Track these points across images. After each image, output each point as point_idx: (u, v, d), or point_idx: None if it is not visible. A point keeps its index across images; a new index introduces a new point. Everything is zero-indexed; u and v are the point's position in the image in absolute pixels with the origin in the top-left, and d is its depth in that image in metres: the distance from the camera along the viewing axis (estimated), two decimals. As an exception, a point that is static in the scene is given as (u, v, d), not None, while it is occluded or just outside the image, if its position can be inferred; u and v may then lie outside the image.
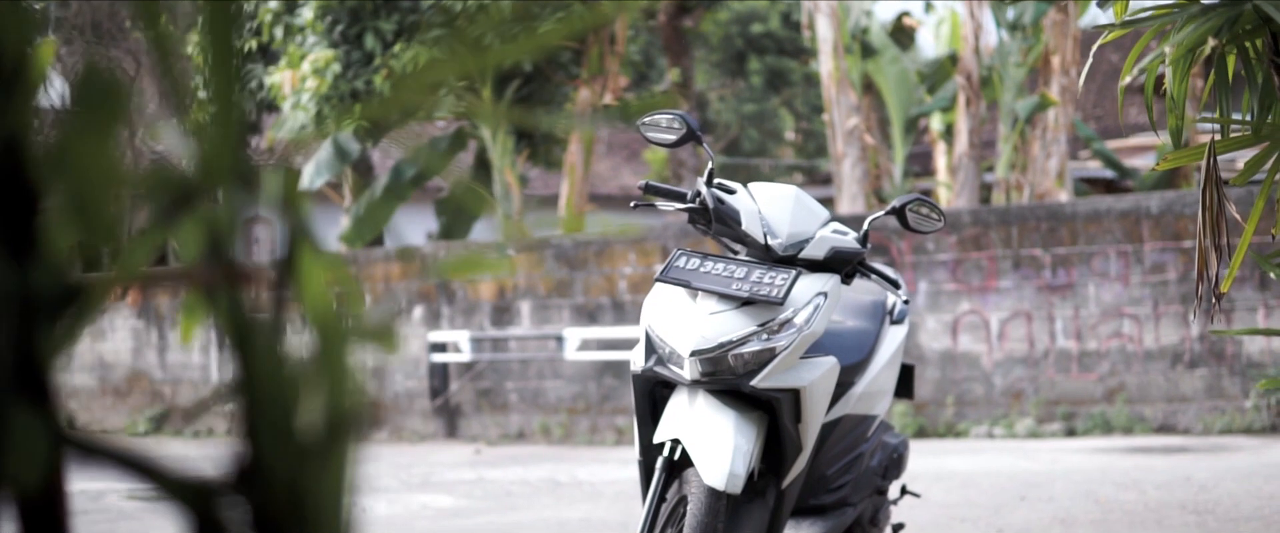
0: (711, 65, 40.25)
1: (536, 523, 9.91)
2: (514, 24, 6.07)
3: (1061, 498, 9.91)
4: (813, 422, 5.49)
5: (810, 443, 5.54)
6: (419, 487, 12.40)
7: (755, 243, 5.58)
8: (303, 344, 1.36)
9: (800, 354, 5.41)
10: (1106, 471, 11.33)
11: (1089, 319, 14.70)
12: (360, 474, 1.28)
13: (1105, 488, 10.30)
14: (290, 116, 21.16)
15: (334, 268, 1.53)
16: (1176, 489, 10.12)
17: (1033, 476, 11.05)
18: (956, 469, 11.63)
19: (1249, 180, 4.22)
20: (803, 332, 5.35)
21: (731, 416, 5.31)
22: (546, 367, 17.22)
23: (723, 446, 5.21)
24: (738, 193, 5.68)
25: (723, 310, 5.37)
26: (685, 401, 5.40)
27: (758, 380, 5.31)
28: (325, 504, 1.29)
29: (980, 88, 19.61)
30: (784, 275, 5.37)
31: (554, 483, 12.29)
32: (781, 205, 5.63)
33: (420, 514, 10.65)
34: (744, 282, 5.38)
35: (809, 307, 5.39)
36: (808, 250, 5.56)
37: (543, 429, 17.04)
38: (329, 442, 1.33)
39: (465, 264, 1.58)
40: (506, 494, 11.68)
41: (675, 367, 5.38)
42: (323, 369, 1.36)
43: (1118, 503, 9.61)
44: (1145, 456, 12.35)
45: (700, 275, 5.45)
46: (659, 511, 5.36)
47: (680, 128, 5.64)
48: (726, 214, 5.59)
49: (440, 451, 16.37)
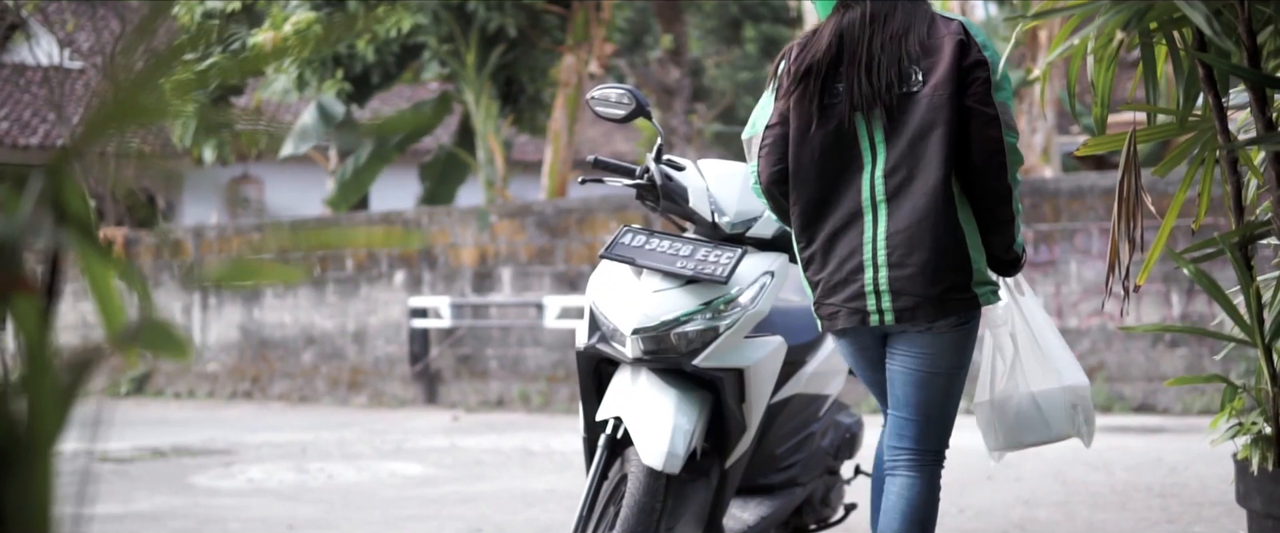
0: (706, 32, 40.11)
1: (500, 493, 9.87)
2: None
3: (1029, 478, 9.86)
4: (757, 402, 5.44)
5: (755, 423, 5.49)
6: (391, 454, 12.36)
7: (703, 221, 5.53)
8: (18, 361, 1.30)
9: (745, 334, 5.35)
10: (1078, 451, 11.24)
11: (1070, 297, 14.63)
12: (63, 486, 1.23)
13: (1075, 469, 10.24)
14: (272, 79, 21.07)
15: (119, 269, 1.46)
16: (1146, 471, 10.07)
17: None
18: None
19: (1169, 171, 4.16)
20: (747, 311, 5.30)
21: (673, 395, 5.26)
22: (526, 334, 17.17)
23: (662, 425, 5.16)
24: (686, 169, 5.62)
25: (666, 288, 5.32)
26: (628, 379, 5.35)
27: (700, 360, 5.26)
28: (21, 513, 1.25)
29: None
30: (729, 254, 5.31)
31: (526, 452, 12.25)
32: (730, 183, 5.57)
33: (387, 482, 10.60)
34: (689, 260, 5.32)
35: (754, 286, 5.33)
36: (755, 229, 5.52)
37: (522, 397, 17.00)
38: (29, 457, 1.28)
39: (238, 272, 1.52)
40: (476, 463, 11.64)
41: (618, 344, 5.33)
42: (29, 387, 1.30)
43: (1084, 484, 9.55)
44: (1120, 435, 12.29)
45: (645, 253, 5.39)
46: (600, 488, 5.31)
47: (629, 103, 5.58)
48: (674, 191, 5.54)
49: (418, 417, 16.33)
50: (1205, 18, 3.56)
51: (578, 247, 16.73)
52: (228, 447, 13.04)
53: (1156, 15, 3.97)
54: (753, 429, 5.49)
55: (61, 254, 1.35)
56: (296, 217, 17.23)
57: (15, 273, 1.35)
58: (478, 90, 21.75)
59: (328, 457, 12.12)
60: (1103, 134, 4.38)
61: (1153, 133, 4.17)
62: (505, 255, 17.27)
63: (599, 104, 5.62)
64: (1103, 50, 3.98)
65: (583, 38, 21.95)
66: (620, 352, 5.32)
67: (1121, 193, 4.16)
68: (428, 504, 9.47)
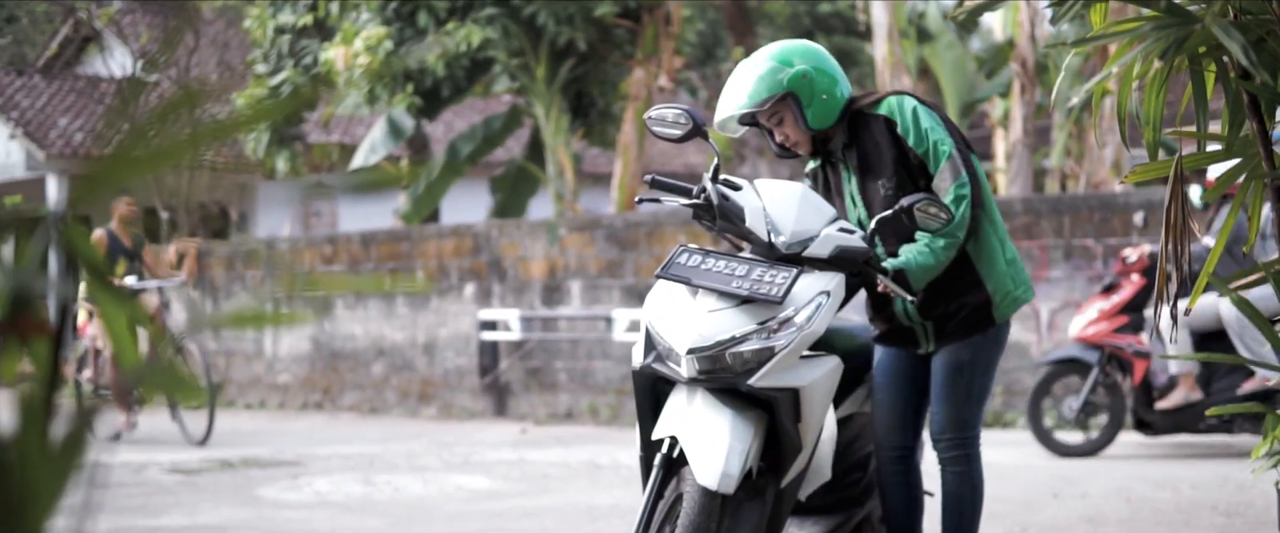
0: (778, 44, 40.03)
1: (565, 507, 9.90)
2: (568, 3, 6.05)
3: (1094, 496, 9.81)
4: (813, 421, 5.44)
5: (810, 443, 5.49)
6: (458, 467, 12.41)
7: (759, 240, 5.53)
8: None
9: (800, 353, 5.36)
10: (1146, 468, 11.22)
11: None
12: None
13: (1141, 486, 10.18)
14: (343, 93, 21.22)
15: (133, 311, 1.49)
16: (1212, 489, 10.00)
17: (1071, 471, 10.95)
18: (995, 463, 11.46)
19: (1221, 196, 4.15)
20: (803, 331, 5.31)
21: (728, 415, 5.27)
22: (596, 347, 17.20)
23: (717, 445, 5.18)
24: (743, 189, 5.63)
25: (721, 308, 5.33)
26: (684, 398, 5.37)
27: (755, 380, 5.27)
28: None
29: (1036, 75, 19.43)
30: (785, 274, 5.32)
31: (593, 466, 12.27)
32: (787, 203, 5.57)
33: (453, 496, 10.65)
34: (744, 280, 5.35)
35: (810, 306, 5.34)
36: (812, 249, 5.49)
37: (591, 410, 17.04)
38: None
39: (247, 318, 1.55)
40: (543, 476, 11.67)
41: (673, 364, 5.35)
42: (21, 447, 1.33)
43: (1150, 502, 9.50)
44: (1187, 453, 12.21)
45: (701, 272, 5.41)
46: (656, 507, 5.34)
47: (686, 122, 5.61)
48: (731, 211, 5.55)
49: (487, 429, 16.39)
50: (1242, 47, 3.55)
51: (647, 260, 16.76)
52: (296, 458, 13.11)
53: (1197, 42, 3.96)
54: (809, 449, 5.49)
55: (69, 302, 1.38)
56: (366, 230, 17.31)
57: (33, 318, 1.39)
58: (548, 104, 21.83)
59: (395, 469, 12.17)
60: (1154, 159, 4.37)
61: (1200, 159, 4.16)
62: (575, 268, 17.32)
63: (656, 124, 5.65)
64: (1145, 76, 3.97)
65: (652, 51, 22.00)
66: (676, 371, 5.34)
67: (1168, 220, 4.14)
68: (491, 518, 9.51)
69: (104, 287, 1.45)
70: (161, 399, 14.15)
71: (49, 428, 1.34)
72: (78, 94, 31.78)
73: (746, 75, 5.76)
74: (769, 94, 5.69)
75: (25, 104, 30.97)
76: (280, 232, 31.04)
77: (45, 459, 1.33)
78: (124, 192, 11.56)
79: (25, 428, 1.32)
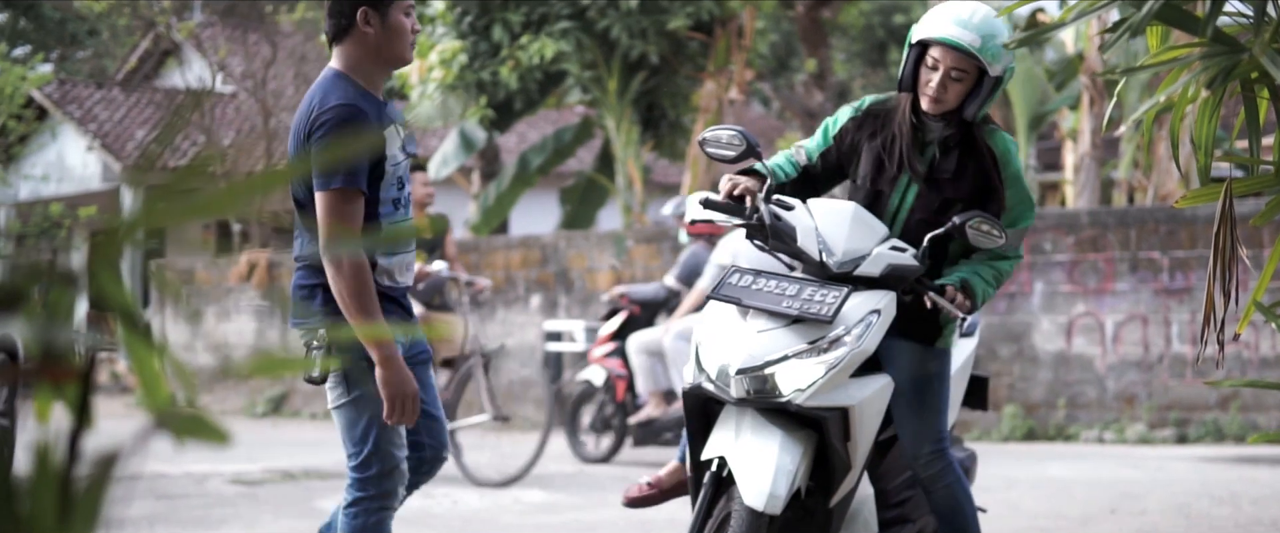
0: (851, 55, 40.05)
1: (620, 521, 9.93)
2: (641, 16, 6.23)
3: (1153, 512, 9.80)
4: (863, 440, 5.46)
5: (860, 462, 5.51)
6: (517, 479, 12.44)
7: (811, 260, 5.54)
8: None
9: (851, 373, 5.40)
10: (1207, 482, 11.20)
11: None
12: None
13: (1201, 502, 10.16)
14: (417, 104, 21.39)
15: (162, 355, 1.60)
16: (1272, 505, 9.98)
17: (1131, 485, 10.94)
18: (1056, 477, 11.54)
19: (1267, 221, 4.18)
20: (853, 350, 5.32)
21: (777, 435, 5.30)
22: (661, 359, 17.24)
23: (765, 466, 5.22)
24: (795, 209, 5.62)
25: (771, 328, 5.37)
26: (733, 418, 5.40)
27: (804, 399, 5.30)
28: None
29: (1105, 88, 19.38)
30: (835, 293, 5.35)
31: (654, 479, 12.29)
32: (839, 222, 5.57)
33: (510, 509, 10.72)
34: (794, 299, 5.38)
35: (861, 324, 5.35)
36: (864, 267, 5.48)
37: (656, 422, 17.06)
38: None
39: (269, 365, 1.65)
40: (601, 489, 11.69)
41: (722, 384, 5.40)
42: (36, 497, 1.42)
43: (1208, 518, 9.49)
44: (1252, 466, 12.18)
45: (751, 293, 5.45)
46: (704, 527, 5.40)
47: (739, 144, 5.63)
48: (783, 231, 5.54)
49: (550, 440, 16.41)
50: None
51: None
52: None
53: (1246, 70, 4.00)
54: (858, 467, 5.51)
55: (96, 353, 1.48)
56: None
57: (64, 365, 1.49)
58: (619, 116, 21.91)
59: (454, 481, 12.20)
60: (1206, 183, 4.41)
61: (1250, 184, 4.19)
62: (641, 280, 17.37)
63: (711, 145, 5.67)
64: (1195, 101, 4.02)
65: (724, 64, 22.06)
66: (725, 391, 5.39)
67: (1217, 245, 4.18)
68: (547, 532, 9.59)
69: (133, 328, 1.55)
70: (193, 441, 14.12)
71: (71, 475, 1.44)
72: (156, 107, 32.10)
73: (987, 21, 5.51)
74: (990, 58, 5.50)
75: (103, 116, 31.31)
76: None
77: (60, 508, 1.42)
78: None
79: (40, 479, 1.41)
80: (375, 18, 5.28)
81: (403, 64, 5.46)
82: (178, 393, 1.60)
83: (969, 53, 5.45)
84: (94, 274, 1.51)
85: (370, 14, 5.27)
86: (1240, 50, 3.86)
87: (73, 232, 28.67)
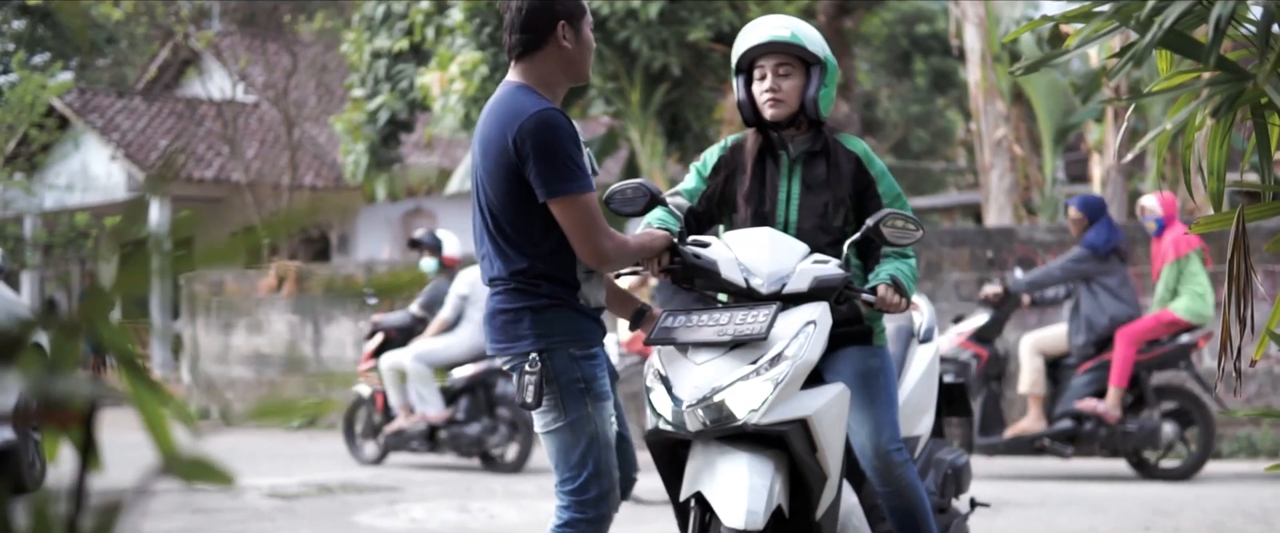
0: (875, 65, 40.04)
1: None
2: (661, 27, 6.19)
3: (1187, 529, 9.74)
4: (831, 449, 5.48)
5: (834, 470, 5.53)
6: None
7: (739, 288, 5.64)
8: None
9: (800, 384, 5.43)
10: (1241, 499, 11.13)
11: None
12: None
13: (1234, 519, 10.11)
14: (441, 117, 21.38)
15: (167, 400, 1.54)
16: (1306, 523, 9.91)
17: (1166, 503, 10.88)
18: (1090, 495, 11.49)
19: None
20: (796, 361, 5.38)
21: (743, 457, 5.35)
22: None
23: (737, 487, 5.26)
24: (712, 245, 5.73)
25: (712, 358, 5.43)
26: (700, 454, 5.46)
27: (759, 418, 5.33)
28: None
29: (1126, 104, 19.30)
30: (764, 311, 5.42)
31: (685, 493, 12.23)
32: (757, 247, 5.68)
33: (546, 523, 10.62)
34: (727, 326, 5.44)
35: (798, 337, 5.41)
36: (790, 285, 5.59)
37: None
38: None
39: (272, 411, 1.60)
40: (636, 504, 11.67)
41: (677, 422, 5.41)
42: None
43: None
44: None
45: (685, 329, 5.51)
46: None
47: (644, 195, 5.65)
48: (704, 268, 5.64)
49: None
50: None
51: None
52: (394, 484, 13.17)
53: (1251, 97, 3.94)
54: (834, 477, 5.53)
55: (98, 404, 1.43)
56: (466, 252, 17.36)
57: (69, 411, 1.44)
58: (643, 128, 21.90)
59: (492, 496, 12.19)
60: (1218, 209, 4.35)
61: (1263, 210, 4.14)
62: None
63: (616, 200, 5.73)
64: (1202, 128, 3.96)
65: (747, 74, 22.01)
66: (682, 428, 5.41)
67: (1232, 271, 4.13)
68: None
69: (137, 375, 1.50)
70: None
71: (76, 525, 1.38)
72: (177, 117, 32.19)
73: (792, 21, 5.93)
74: (809, 47, 5.85)
75: (126, 126, 31.40)
76: (380, 254, 31.29)
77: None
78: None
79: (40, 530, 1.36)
80: (571, 32, 5.32)
81: (586, 81, 5.57)
82: (182, 435, 1.56)
83: (785, 43, 5.81)
84: (92, 324, 1.46)
85: (567, 27, 5.27)
86: (1245, 77, 3.81)
87: (99, 242, 28.77)
